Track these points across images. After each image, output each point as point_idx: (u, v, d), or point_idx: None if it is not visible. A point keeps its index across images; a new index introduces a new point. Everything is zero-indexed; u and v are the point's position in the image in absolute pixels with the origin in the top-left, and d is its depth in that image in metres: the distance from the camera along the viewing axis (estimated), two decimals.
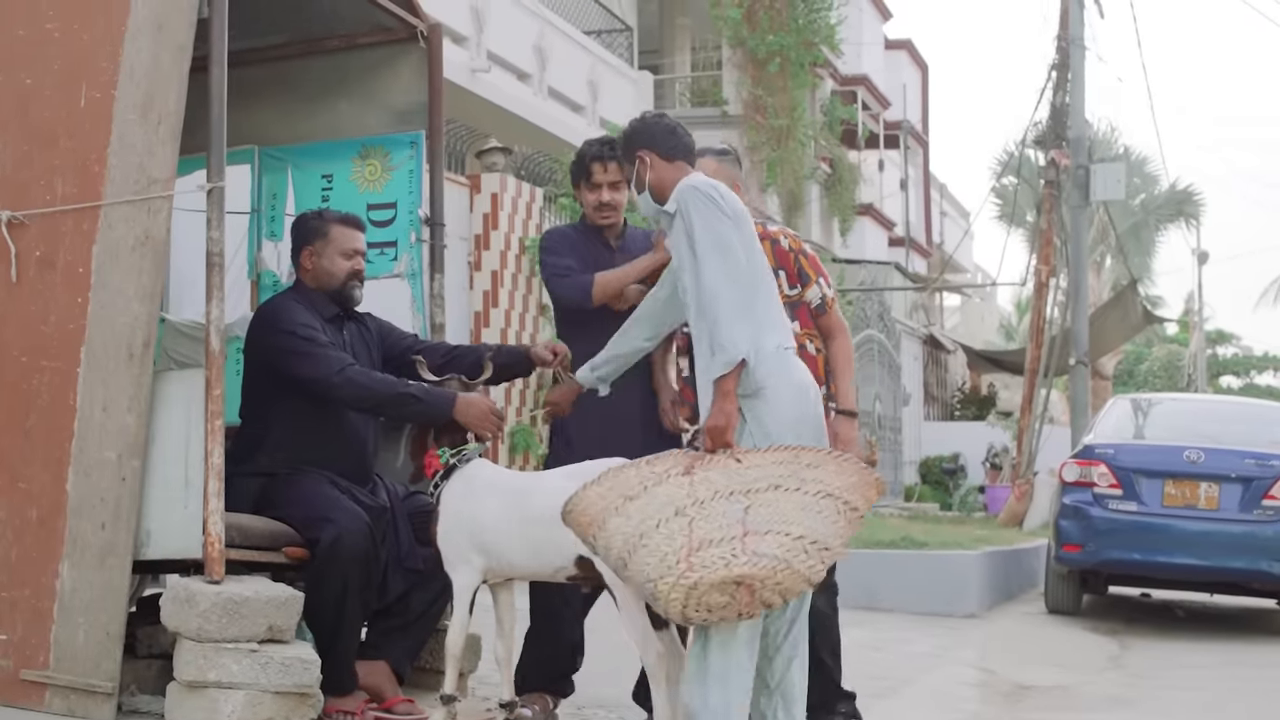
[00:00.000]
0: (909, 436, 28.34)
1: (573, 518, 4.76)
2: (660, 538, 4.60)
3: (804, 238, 6.88)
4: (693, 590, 4.54)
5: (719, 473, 4.68)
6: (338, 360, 5.58)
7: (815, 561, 4.61)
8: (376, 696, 5.63)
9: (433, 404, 5.55)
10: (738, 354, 4.75)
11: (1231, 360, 52.43)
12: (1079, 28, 20.31)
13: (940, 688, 8.30)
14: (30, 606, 5.14)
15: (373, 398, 5.59)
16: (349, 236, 5.90)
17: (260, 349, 5.71)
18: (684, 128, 5.30)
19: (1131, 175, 30.24)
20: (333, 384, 5.57)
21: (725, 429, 4.77)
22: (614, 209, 6.08)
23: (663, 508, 4.64)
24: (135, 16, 5.24)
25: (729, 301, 4.79)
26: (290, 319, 5.66)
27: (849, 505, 4.70)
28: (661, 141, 5.16)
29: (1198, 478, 11.39)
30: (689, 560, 4.55)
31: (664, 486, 4.68)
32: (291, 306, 5.74)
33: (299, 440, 5.69)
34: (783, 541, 4.58)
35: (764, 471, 4.69)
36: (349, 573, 5.41)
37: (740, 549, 4.55)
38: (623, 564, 4.65)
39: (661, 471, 4.70)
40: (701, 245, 4.86)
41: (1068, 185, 20.20)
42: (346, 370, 5.56)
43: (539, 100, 19.30)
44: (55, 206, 5.25)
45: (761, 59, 24.84)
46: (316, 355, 5.59)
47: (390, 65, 6.51)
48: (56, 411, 5.18)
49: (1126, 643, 10.97)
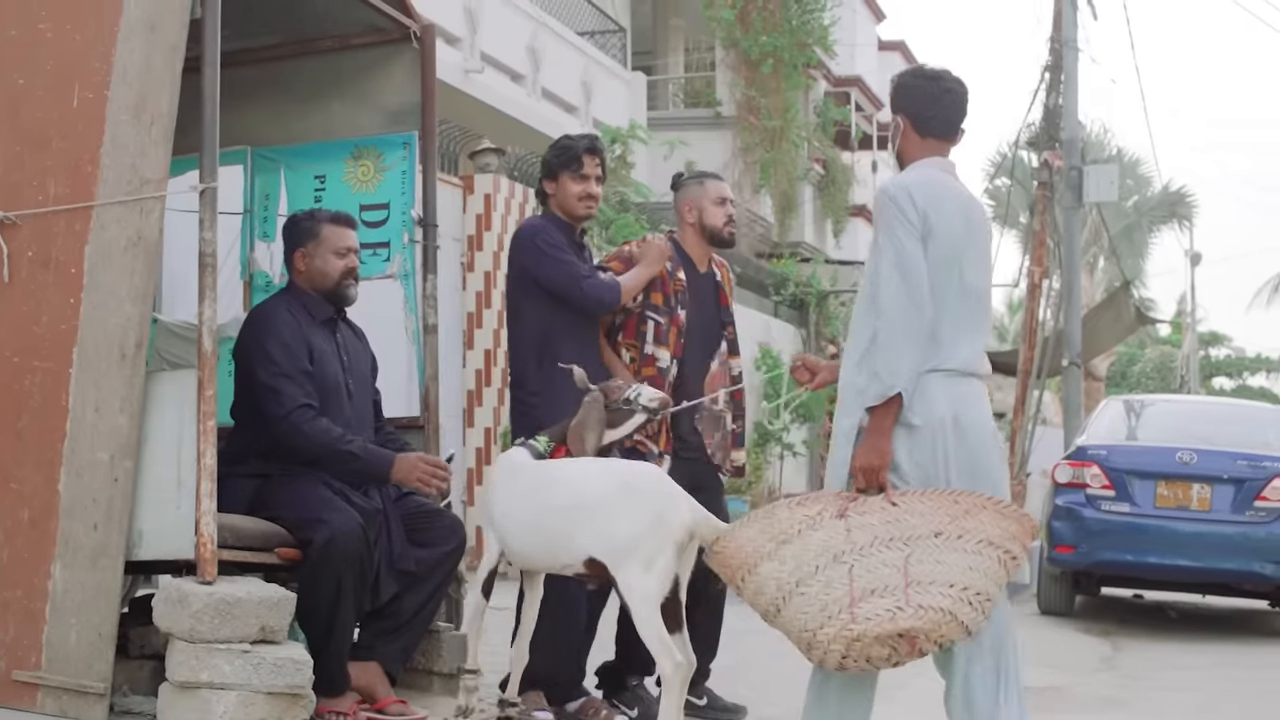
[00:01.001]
0: None
1: (720, 560, 4.64)
2: (819, 586, 4.44)
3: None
4: (855, 642, 4.40)
5: (876, 517, 4.47)
6: (290, 399, 5.56)
7: (978, 614, 4.46)
8: (369, 697, 5.63)
9: (370, 463, 5.62)
10: (895, 386, 4.48)
11: (1224, 362, 52.42)
12: (1072, 29, 20.30)
13: (934, 690, 8.28)
14: (22, 607, 5.13)
15: (310, 449, 5.57)
16: (341, 235, 5.89)
17: (246, 358, 5.69)
18: (958, 96, 4.91)
19: (1124, 177, 30.28)
20: (278, 425, 5.57)
21: (879, 469, 4.51)
22: (596, 201, 6.17)
23: (820, 554, 4.46)
24: (128, 17, 5.24)
25: (902, 328, 4.49)
26: (273, 340, 5.64)
27: (1008, 553, 4.50)
28: (920, 109, 4.86)
29: (1190, 479, 11.39)
30: (852, 611, 4.39)
31: (820, 532, 4.48)
32: (279, 319, 5.71)
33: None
34: (947, 593, 4.40)
35: (923, 518, 4.47)
36: (342, 574, 5.40)
37: (905, 601, 4.37)
38: (775, 610, 4.52)
39: (814, 514, 4.52)
40: (884, 261, 4.56)
41: (1061, 187, 20.20)
42: (293, 415, 5.55)
43: (532, 101, 19.28)
44: (48, 207, 5.25)
45: (755, 60, 24.80)
46: (279, 391, 5.57)
47: (383, 66, 6.51)
48: (49, 412, 5.17)
49: (1119, 644, 10.97)
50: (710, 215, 6.36)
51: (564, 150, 6.20)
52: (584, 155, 6.15)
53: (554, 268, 6.00)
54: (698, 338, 6.31)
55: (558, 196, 6.18)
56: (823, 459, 22.36)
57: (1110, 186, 20.56)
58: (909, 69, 5.06)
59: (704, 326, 6.35)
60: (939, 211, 4.63)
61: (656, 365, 6.17)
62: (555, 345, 5.99)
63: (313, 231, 5.85)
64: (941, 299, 4.61)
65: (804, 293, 22.58)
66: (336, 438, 5.58)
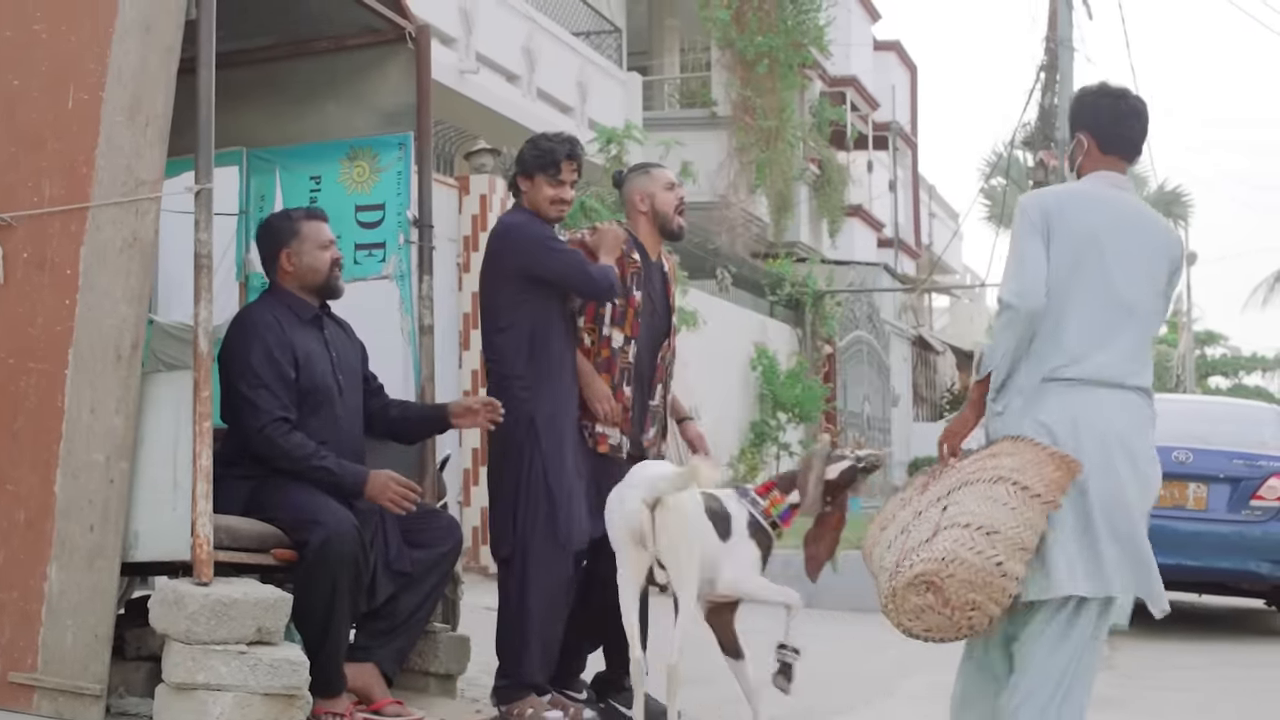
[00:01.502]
0: (898, 437, 28.35)
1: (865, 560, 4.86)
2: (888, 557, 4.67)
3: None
4: (892, 598, 4.58)
5: (940, 481, 4.71)
6: (266, 413, 5.56)
7: (993, 550, 4.48)
8: (365, 698, 5.63)
9: (343, 481, 5.62)
10: (988, 366, 4.71)
11: (1220, 361, 52.53)
12: (1067, 29, 20.36)
13: (935, 688, 8.29)
14: (18, 609, 5.13)
15: (285, 463, 5.57)
16: (320, 229, 5.91)
17: (227, 367, 5.66)
18: (1142, 116, 4.88)
19: None
20: (254, 438, 5.57)
21: (954, 434, 4.81)
22: (568, 206, 6.24)
23: (897, 530, 4.71)
24: (123, 18, 5.23)
25: (1007, 316, 4.65)
26: (255, 349, 5.63)
27: (1020, 486, 4.53)
28: (1105, 127, 4.83)
29: (1186, 478, 11.39)
30: (895, 570, 4.58)
31: (905, 509, 4.75)
32: (262, 325, 5.69)
33: None
34: (956, 535, 4.50)
35: (964, 471, 4.67)
36: (338, 575, 5.40)
37: (927, 549, 4.52)
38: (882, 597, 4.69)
39: (906, 495, 4.81)
40: (1008, 258, 4.75)
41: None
42: (268, 429, 5.55)
43: (528, 102, 19.27)
44: (43, 208, 5.24)
45: (750, 60, 24.81)
46: (256, 404, 5.57)
47: (378, 67, 6.50)
48: (44, 414, 5.17)
49: (1115, 643, 10.94)
50: (662, 201, 6.38)
51: (543, 154, 6.18)
52: (563, 162, 6.16)
53: (558, 259, 6.05)
54: (649, 321, 6.36)
55: (530, 195, 6.19)
56: None
57: None
58: (1092, 87, 4.98)
59: (654, 312, 6.41)
60: (1068, 215, 4.68)
61: (611, 345, 6.25)
62: (545, 337, 6.03)
63: (293, 230, 5.85)
64: (1071, 303, 4.67)
65: (800, 293, 22.58)
66: (310, 453, 5.57)
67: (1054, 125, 20.39)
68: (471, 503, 12.99)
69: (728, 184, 24.77)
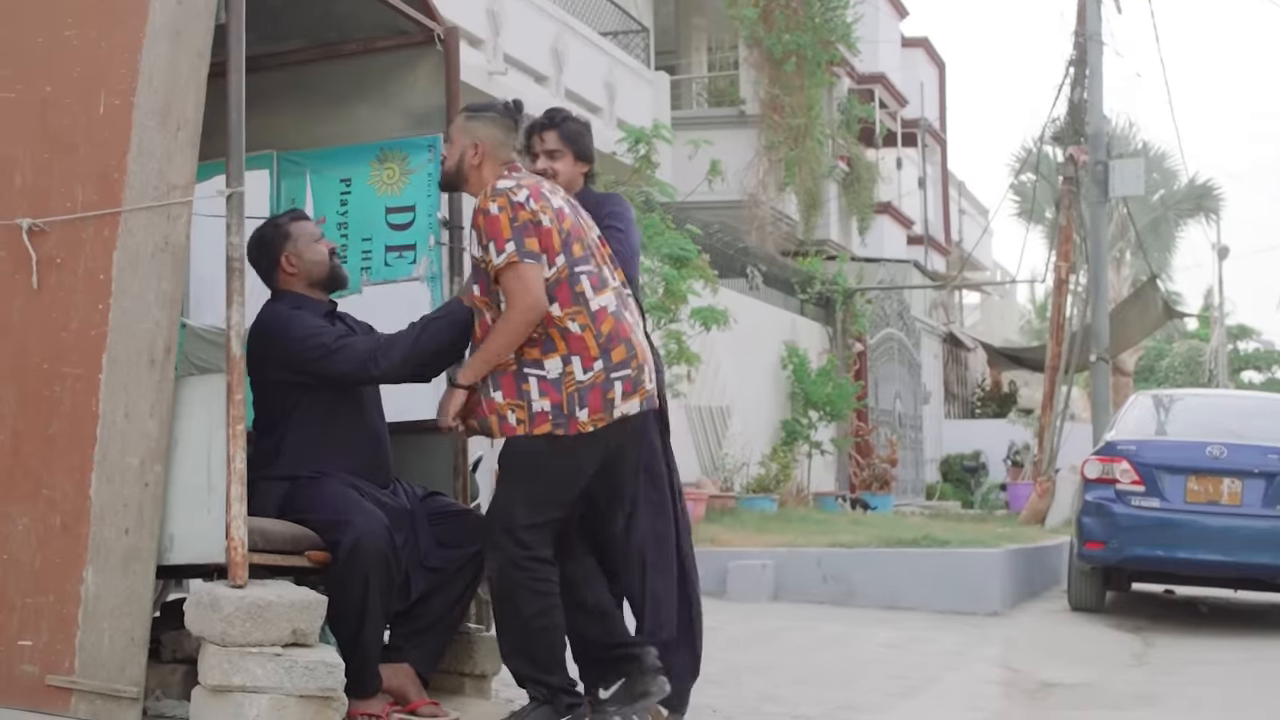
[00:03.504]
0: (930, 434, 28.33)
1: None
2: None
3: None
4: None
5: None
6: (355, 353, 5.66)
7: None
8: (400, 699, 5.64)
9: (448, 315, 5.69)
10: None
11: (1253, 355, 52.17)
12: (1096, 23, 20.28)
13: (964, 686, 8.29)
14: (55, 612, 5.15)
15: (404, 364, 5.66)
16: (307, 225, 5.99)
17: (272, 363, 5.69)
18: None
19: (1151, 171, 30.19)
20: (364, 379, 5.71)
21: None
22: (553, 177, 6.00)
23: None
24: (153, 23, 5.25)
25: None
26: (296, 327, 5.70)
27: None
28: None
29: (1220, 473, 11.37)
30: None
31: None
32: (285, 313, 5.77)
33: (318, 445, 5.71)
34: None
35: None
36: (370, 574, 5.41)
37: None
38: None
39: None
40: None
41: (1086, 181, 20.17)
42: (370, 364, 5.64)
43: (556, 102, 19.23)
44: (75, 213, 5.26)
45: (778, 58, 24.80)
46: (342, 351, 5.66)
47: (407, 69, 6.51)
48: (79, 418, 5.19)
49: (1150, 640, 10.94)
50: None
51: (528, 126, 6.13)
52: (530, 137, 6.16)
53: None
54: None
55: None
56: (850, 457, 22.37)
57: (1137, 181, 20.50)
58: None
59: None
60: None
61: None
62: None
63: (285, 233, 5.90)
64: None
65: (830, 290, 22.57)
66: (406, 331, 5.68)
67: (1083, 120, 20.31)
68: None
69: (757, 182, 24.77)
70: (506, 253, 5.35)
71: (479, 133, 5.69)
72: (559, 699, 5.50)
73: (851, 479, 22.28)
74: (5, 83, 5.44)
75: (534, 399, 5.38)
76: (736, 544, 12.85)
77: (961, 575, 12.07)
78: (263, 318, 5.81)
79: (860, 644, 9.39)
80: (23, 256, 5.27)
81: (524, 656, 5.51)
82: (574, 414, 5.36)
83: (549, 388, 5.37)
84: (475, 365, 5.44)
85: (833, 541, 12.99)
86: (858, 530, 14.20)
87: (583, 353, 5.38)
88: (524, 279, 5.34)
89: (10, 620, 5.19)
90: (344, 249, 6.42)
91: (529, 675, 5.53)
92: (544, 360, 5.38)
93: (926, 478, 27.70)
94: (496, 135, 5.71)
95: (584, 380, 5.37)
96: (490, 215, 5.41)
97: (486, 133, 5.69)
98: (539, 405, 5.37)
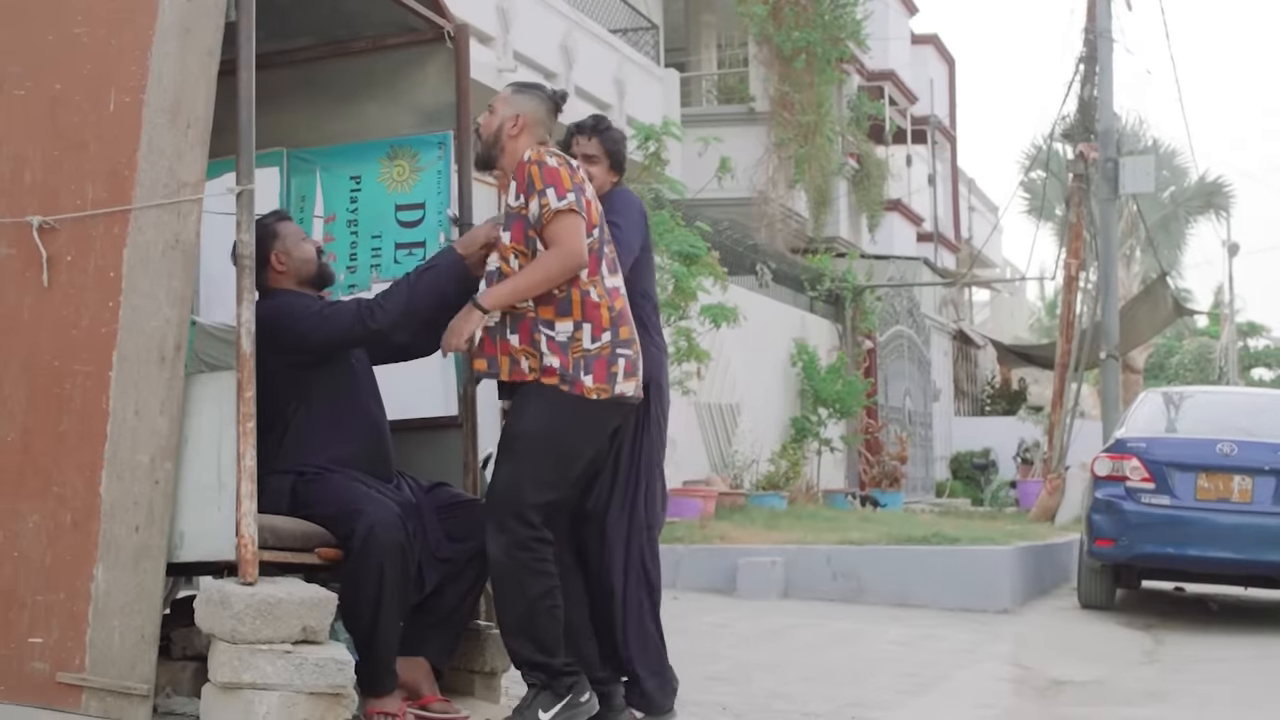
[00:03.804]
0: (940, 432, 28.31)
1: None
2: None
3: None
4: None
5: None
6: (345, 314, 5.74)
7: None
8: (413, 693, 5.63)
9: (441, 264, 5.78)
10: None
11: (1263, 352, 52.05)
12: (1106, 20, 20.25)
13: (974, 683, 8.29)
14: (65, 610, 5.16)
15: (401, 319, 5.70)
16: (293, 225, 6.06)
17: (269, 352, 5.69)
18: None
19: (1161, 168, 30.14)
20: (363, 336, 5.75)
21: None
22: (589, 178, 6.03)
23: None
24: (163, 21, 5.25)
25: None
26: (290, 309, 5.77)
27: None
28: None
29: (1231, 471, 11.35)
30: None
31: None
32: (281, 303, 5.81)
33: (319, 437, 5.72)
34: None
35: None
36: (385, 563, 5.39)
37: None
38: None
39: None
40: None
41: (1096, 178, 20.15)
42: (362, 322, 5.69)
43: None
44: (85, 211, 5.27)
45: (788, 55, 24.78)
46: (333, 316, 5.74)
47: (417, 66, 6.52)
48: (89, 415, 5.19)
49: (1160, 637, 10.93)
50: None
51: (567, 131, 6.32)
52: (575, 135, 6.31)
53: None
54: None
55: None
56: (860, 454, 22.36)
57: (1147, 178, 20.47)
58: None
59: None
60: None
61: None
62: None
63: (273, 232, 5.92)
64: None
65: (840, 288, 22.55)
66: (400, 282, 5.77)
67: (1094, 117, 20.28)
68: None
69: (766, 179, 24.77)
70: (567, 200, 5.52)
71: (523, 105, 5.83)
72: (559, 681, 5.53)
73: (861, 476, 22.27)
74: (15, 80, 5.45)
75: (544, 353, 5.52)
76: (746, 541, 12.85)
77: (971, 573, 12.07)
78: (267, 307, 5.83)
79: (870, 641, 9.39)
80: (33, 254, 5.28)
81: (527, 637, 5.54)
82: (579, 377, 5.49)
83: (556, 349, 5.51)
84: (502, 293, 5.53)
85: (842, 539, 12.97)
86: (867, 527, 14.19)
87: (595, 321, 5.53)
88: (574, 228, 5.51)
89: (21, 617, 5.20)
90: (354, 246, 6.44)
91: (529, 658, 5.56)
92: (555, 322, 5.52)
93: (936, 475, 27.68)
94: (539, 113, 5.85)
95: (590, 349, 5.51)
96: (548, 165, 5.60)
97: (530, 107, 5.83)
98: (549, 360, 5.51)
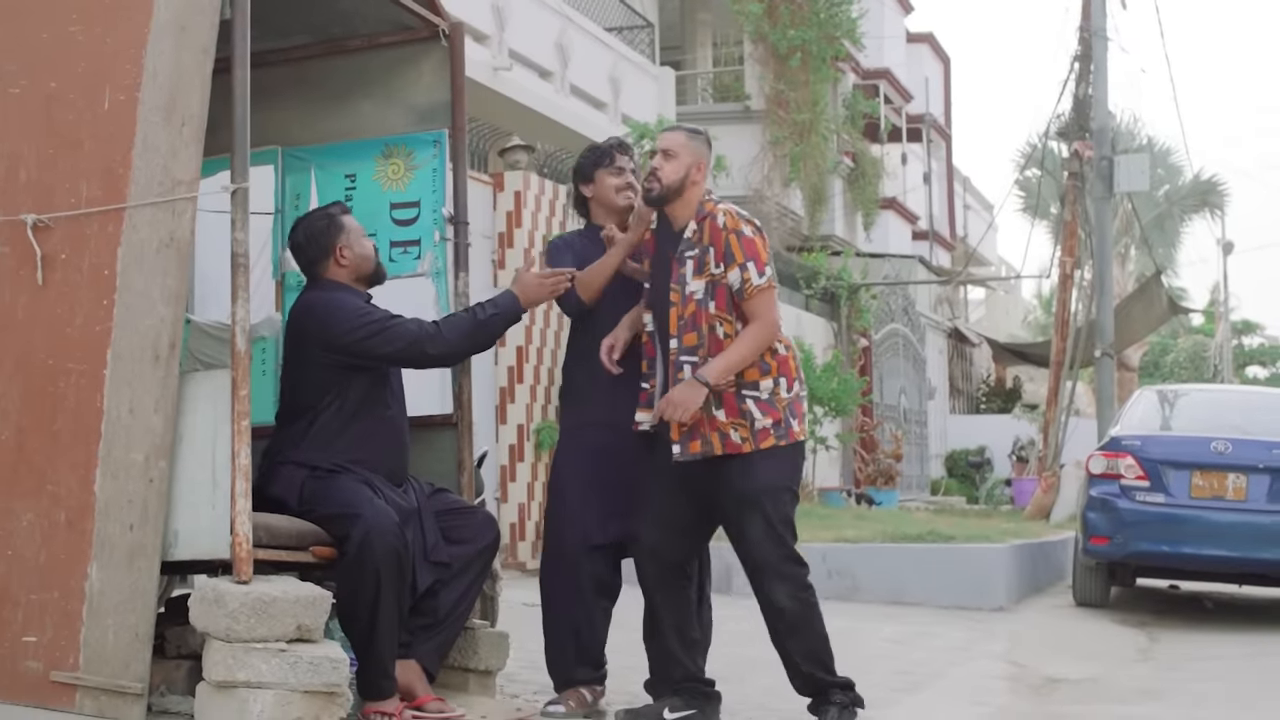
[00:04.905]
0: (934, 430, 28.33)
1: None
2: None
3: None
4: None
5: None
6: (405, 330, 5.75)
7: None
8: (407, 694, 5.64)
9: (505, 310, 5.91)
10: None
11: (1258, 350, 52.14)
12: (1101, 19, 20.25)
13: (969, 681, 8.29)
14: (59, 608, 5.15)
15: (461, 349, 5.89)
16: (353, 220, 6.03)
17: (313, 343, 5.71)
18: None
19: (1155, 166, 30.17)
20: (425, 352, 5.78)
21: None
22: (635, 191, 6.26)
23: None
24: (158, 19, 5.25)
25: None
26: (349, 307, 5.77)
27: None
28: None
29: (1225, 469, 11.35)
30: None
31: None
32: (336, 297, 5.81)
33: (342, 436, 5.72)
34: None
35: None
36: (381, 568, 5.40)
37: None
38: None
39: None
40: None
41: (1091, 177, 20.16)
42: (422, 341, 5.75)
43: (561, 98, 19.27)
44: (80, 209, 5.27)
45: (783, 54, 24.77)
46: (393, 329, 5.73)
47: (412, 64, 6.52)
48: (83, 414, 5.19)
49: (1155, 635, 10.93)
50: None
51: (594, 150, 6.43)
52: (614, 152, 6.36)
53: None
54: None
55: (597, 194, 6.34)
56: (855, 452, 22.36)
57: (1141, 176, 20.48)
58: None
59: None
60: None
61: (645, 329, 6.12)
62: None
63: (340, 225, 5.91)
64: None
65: (835, 286, 22.55)
66: (464, 315, 5.91)
67: (1088, 116, 20.29)
68: (509, 499, 13.03)
69: (761, 178, 24.76)
70: (767, 275, 5.89)
71: (701, 154, 6.05)
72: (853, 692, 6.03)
73: (856, 474, 22.27)
74: (10, 78, 5.45)
75: (756, 417, 5.82)
76: None
77: (966, 570, 12.08)
78: (307, 300, 5.87)
79: (865, 639, 9.38)
80: (27, 252, 5.28)
81: (823, 667, 5.98)
82: (790, 425, 5.91)
83: (766, 407, 5.86)
84: (722, 368, 5.79)
85: (837, 536, 12.98)
86: (862, 525, 14.20)
87: (787, 374, 5.93)
88: (773, 302, 5.92)
89: (15, 616, 5.20)
90: None
91: (830, 682, 5.98)
92: (760, 381, 5.87)
93: (931, 473, 27.71)
94: (708, 158, 6.11)
95: (788, 398, 5.92)
96: (746, 237, 5.89)
97: (705, 154, 6.08)
98: (761, 423, 5.84)
